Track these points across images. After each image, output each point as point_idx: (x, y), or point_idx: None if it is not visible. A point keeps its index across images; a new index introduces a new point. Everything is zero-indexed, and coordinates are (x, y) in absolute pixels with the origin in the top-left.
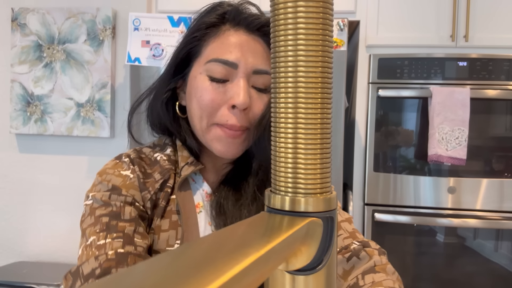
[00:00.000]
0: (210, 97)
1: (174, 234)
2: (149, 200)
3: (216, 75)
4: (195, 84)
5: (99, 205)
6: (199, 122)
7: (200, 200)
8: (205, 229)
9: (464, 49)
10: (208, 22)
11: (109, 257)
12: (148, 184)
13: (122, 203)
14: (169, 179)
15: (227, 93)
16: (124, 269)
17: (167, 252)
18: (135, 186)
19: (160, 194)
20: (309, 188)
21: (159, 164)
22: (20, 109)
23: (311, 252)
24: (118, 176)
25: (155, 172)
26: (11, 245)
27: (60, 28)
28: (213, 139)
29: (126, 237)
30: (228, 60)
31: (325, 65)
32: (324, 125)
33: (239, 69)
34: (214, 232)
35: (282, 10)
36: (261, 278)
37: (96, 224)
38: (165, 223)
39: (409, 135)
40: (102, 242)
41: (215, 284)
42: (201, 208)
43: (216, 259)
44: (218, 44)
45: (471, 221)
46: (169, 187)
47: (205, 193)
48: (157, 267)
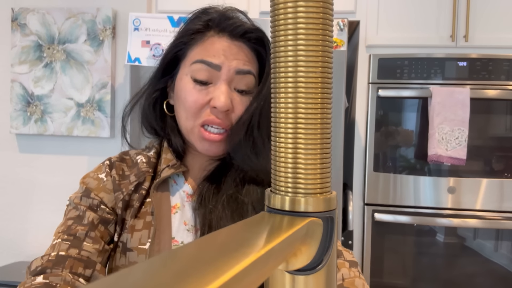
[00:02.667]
0: (193, 99)
1: (147, 234)
2: (121, 200)
3: (199, 76)
4: (180, 85)
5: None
6: (185, 122)
7: (178, 201)
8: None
9: (464, 49)
10: (194, 29)
11: (50, 258)
12: (122, 185)
13: (86, 208)
14: (144, 182)
15: (209, 95)
16: (125, 269)
17: (167, 252)
18: (106, 189)
19: (134, 195)
20: (309, 188)
21: (137, 166)
22: (20, 109)
23: (311, 252)
24: (95, 179)
25: (132, 174)
26: (11, 245)
27: (60, 28)
28: (196, 139)
29: (75, 241)
30: (212, 62)
31: (325, 65)
32: (324, 125)
33: (222, 71)
34: (214, 232)
35: (282, 10)
36: (261, 278)
37: (62, 225)
38: (139, 223)
39: (409, 135)
40: (55, 242)
41: (215, 284)
42: (177, 209)
43: (216, 259)
44: (202, 48)
45: (471, 221)
46: (144, 189)
47: (186, 194)
48: (157, 267)
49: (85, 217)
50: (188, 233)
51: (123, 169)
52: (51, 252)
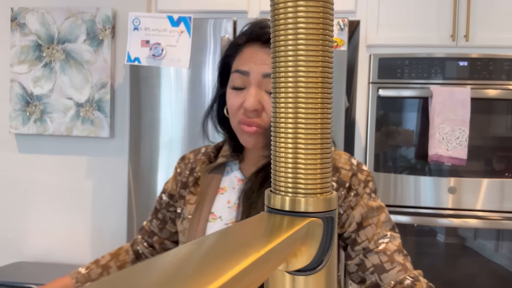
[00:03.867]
0: (231, 102)
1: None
2: (180, 181)
3: (235, 84)
4: (227, 92)
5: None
6: (231, 121)
7: (227, 184)
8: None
9: (465, 48)
10: (235, 43)
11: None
12: (183, 171)
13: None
14: (196, 167)
15: (242, 98)
16: (125, 269)
17: (167, 252)
18: (174, 176)
19: (190, 177)
20: (309, 188)
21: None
22: (19, 109)
23: (311, 252)
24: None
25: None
26: (11, 245)
27: (60, 28)
28: (238, 133)
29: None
30: (242, 70)
31: (325, 65)
32: (324, 125)
33: (250, 76)
34: (214, 232)
35: (282, 10)
36: (261, 279)
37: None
38: (192, 199)
39: (409, 135)
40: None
41: (215, 284)
42: (223, 191)
43: (216, 259)
44: (240, 59)
45: (472, 221)
46: (196, 172)
47: (237, 178)
48: (157, 267)
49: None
50: (229, 209)
51: (189, 157)
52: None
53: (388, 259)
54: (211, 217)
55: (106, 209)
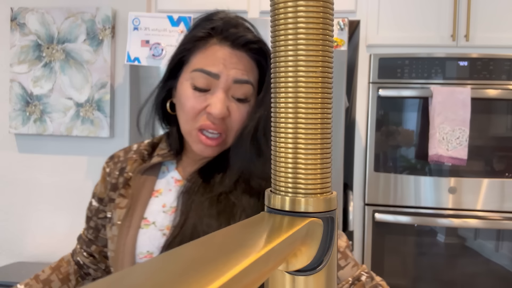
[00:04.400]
0: (191, 104)
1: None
2: (110, 183)
3: (198, 84)
4: (181, 90)
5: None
6: (184, 124)
7: (162, 186)
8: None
9: (465, 48)
10: (197, 36)
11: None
12: (112, 171)
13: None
14: (126, 167)
15: (207, 101)
16: (125, 270)
17: (167, 252)
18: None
19: (120, 178)
20: (309, 188)
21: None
22: (19, 109)
23: (311, 252)
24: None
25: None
26: (10, 246)
27: (60, 28)
28: (193, 141)
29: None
30: (211, 72)
31: (325, 65)
32: (324, 125)
33: (220, 80)
34: (213, 232)
35: (282, 10)
36: (261, 279)
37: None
38: (123, 202)
39: (409, 135)
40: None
41: (215, 284)
42: (158, 194)
43: (216, 259)
44: (204, 56)
45: (472, 221)
46: (127, 172)
47: (174, 179)
48: (157, 267)
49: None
50: (164, 214)
51: (119, 155)
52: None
53: (341, 256)
54: (143, 223)
55: None
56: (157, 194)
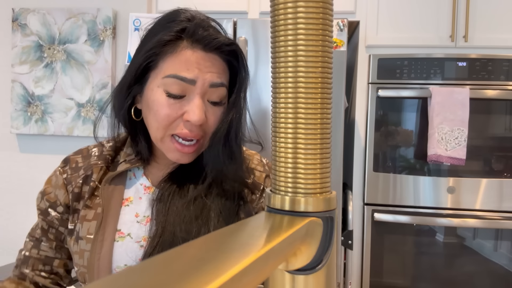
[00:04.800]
0: (166, 112)
1: (95, 224)
2: (71, 192)
3: (173, 91)
4: (152, 96)
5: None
6: (155, 132)
7: (132, 194)
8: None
9: (464, 49)
10: (165, 40)
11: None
12: (73, 178)
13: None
14: (92, 174)
15: (183, 108)
16: (125, 269)
17: (167, 252)
18: (57, 185)
19: (85, 187)
20: (309, 188)
21: (89, 159)
22: (20, 109)
23: (311, 251)
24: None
25: (83, 166)
26: (11, 245)
27: (61, 28)
28: (167, 149)
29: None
30: (186, 77)
31: (325, 65)
32: (324, 125)
33: (196, 85)
34: (213, 232)
35: (282, 10)
36: (261, 278)
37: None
38: (90, 214)
39: (408, 135)
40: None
41: (215, 283)
42: (129, 202)
43: (216, 259)
44: (175, 61)
45: (471, 221)
46: (93, 181)
47: (143, 186)
48: (157, 267)
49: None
50: (138, 224)
51: (77, 161)
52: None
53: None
54: (117, 235)
55: None
56: (127, 202)
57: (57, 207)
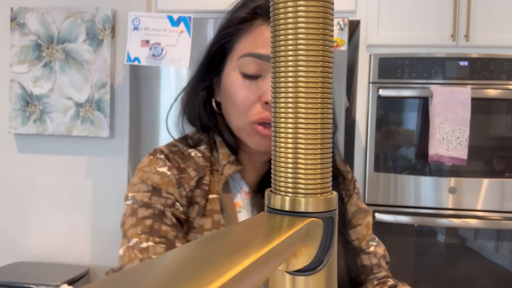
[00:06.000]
0: (243, 95)
1: None
2: (185, 197)
3: (248, 70)
4: (228, 81)
5: (140, 205)
6: (235, 120)
7: (239, 199)
8: None
9: (465, 48)
10: (240, 17)
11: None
12: (183, 180)
13: (163, 206)
14: (204, 176)
15: (260, 90)
16: (125, 269)
17: (167, 252)
18: (172, 183)
19: (197, 191)
20: (309, 188)
21: (193, 160)
22: (19, 109)
23: (312, 252)
24: (155, 173)
25: (189, 168)
26: (10, 245)
27: (59, 28)
28: (247, 136)
29: (168, 243)
30: (261, 54)
31: (325, 65)
32: (325, 125)
33: None
34: (213, 232)
35: (282, 10)
36: (261, 279)
37: (137, 225)
38: (207, 222)
39: (409, 135)
40: (145, 245)
41: (215, 284)
42: (240, 208)
43: (216, 260)
44: (251, 39)
45: (472, 222)
46: (206, 184)
47: (243, 191)
48: (157, 267)
49: (167, 217)
50: None
51: (178, 161)
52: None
53: (377, 263)
54: None
55: (106, 209)
56: (238, 208)
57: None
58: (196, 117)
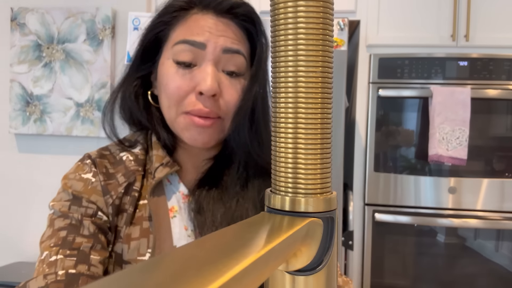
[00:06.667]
0: (176, 84)
1: (146, 243)
2: (111, 205)
3: (182, 58)
4: (162, 71)
5: (58, 216)
6: (168, 112)
7: (175, 203)
8: (180, 234)
9: (465, 48)
10: (176, 6)
11: (58, 278)
12: (110, 187)
13: (82, 216)
14: (134, 182)
15: (194, 79)
16: (125, 269)
17: (166, 252)
18: (97, 190)
19: (126, 198)
20: (309, 188)
21: (124, 164)
22: (19, 109)
23: (311, 252)
24: (79, 180)
25: (119, 173)
26: (10, 245)
27: (60, 28)
28: (182, 128)
29: (80, 255)
30: (195, 41)
31: (325, 65)
32: (324, 125)
33: (207, 50)
34: (213, 232)
35: (282, 10)
36: (261, 279)
37: (52, 237)
38: (135, 231)
39: (409, 135)
40: (54, 259)
41: (215, 284)
42: (175, 213)
43: (216, 259)
44: (186, 27)
45: (472, 221)
46: (136, 190)
47: (181, 194)
48: (156, 267)
49: (84, 226)
50: (190, 239)
51: (106, 166)
52: (56, 270)
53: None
54: None
55: None
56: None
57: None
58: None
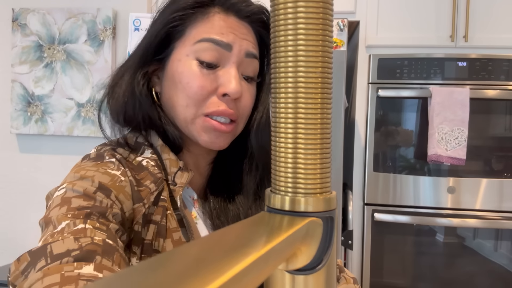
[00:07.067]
0: (200, 84)
1: None
2: (143, 214)
3: (206, 58)
4: (179, 68)
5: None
6: (184, 111)
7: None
8: None
9: (464, 49)
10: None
11: (95, 241)
12: (143, 193)
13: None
14: (163, 191)
15: (218, 80)
16: (124, 269)
17: (166, 252)
18: (125, 192)
19: (153, 208)
20: (309, 188)
21: (147, 170)
22: (20, 109)
23: (311, 251)
24: (104, 173)
25: (146, 180)
26: (11, 245)
27: (61, 28)
28: (200, 130)
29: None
30: (222, 41)
31: (325, 65)
32: (324, 125)
33: (232, 52)
34: (213, 232)
35: (282, 10)
36: (261, 278)
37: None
38: (168, 244)
39: (408, 135)
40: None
41: (215, 284)
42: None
43: (216, 259)
44: (209, 25)
45: (471, 221)
46: (164, 200)
47: (192, 199)
48: (157, 267)
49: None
50: None
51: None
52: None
53: None
54: None
55: None
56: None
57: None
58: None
